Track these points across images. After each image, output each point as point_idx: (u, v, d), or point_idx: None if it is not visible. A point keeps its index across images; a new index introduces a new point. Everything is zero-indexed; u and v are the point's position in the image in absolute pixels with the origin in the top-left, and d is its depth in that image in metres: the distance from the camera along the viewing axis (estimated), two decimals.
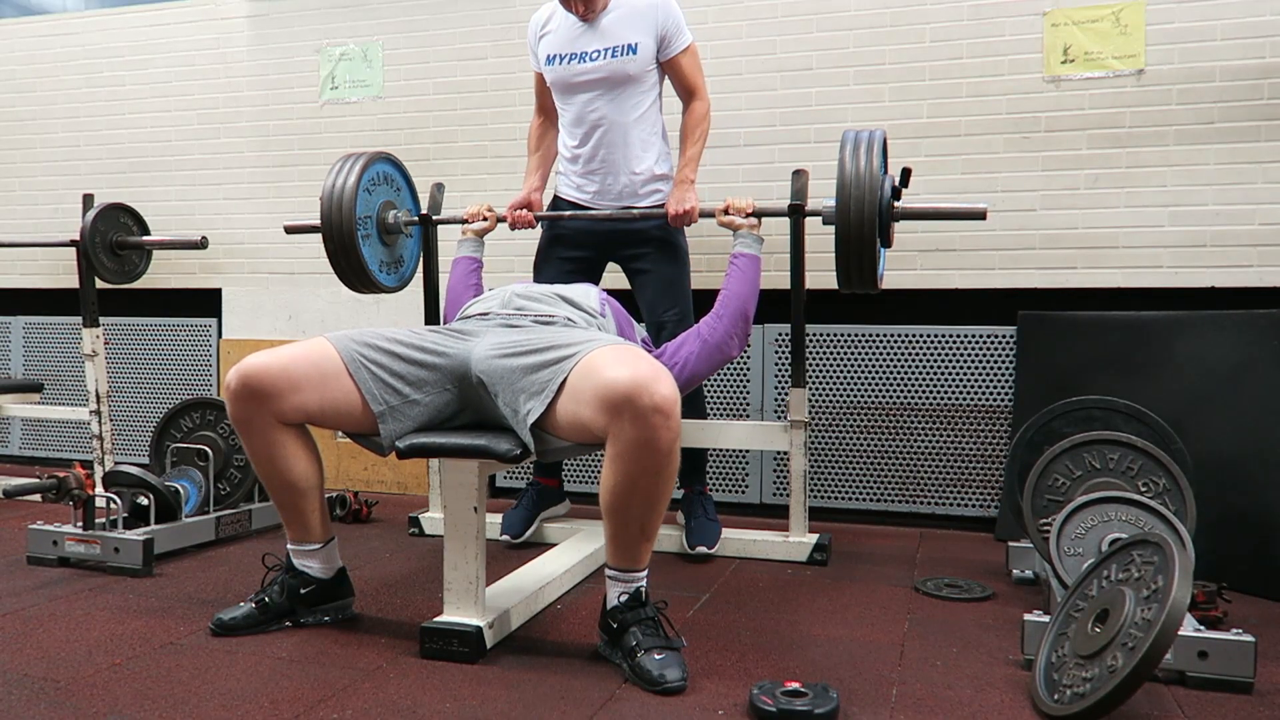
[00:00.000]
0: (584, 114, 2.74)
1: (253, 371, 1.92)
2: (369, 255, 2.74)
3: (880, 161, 2.27)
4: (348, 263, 2.71)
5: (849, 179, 2.23)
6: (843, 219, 2.25)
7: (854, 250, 2.27)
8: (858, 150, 2.26)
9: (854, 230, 2.24)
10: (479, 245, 2.78)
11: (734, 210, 2.50)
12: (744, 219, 2.47)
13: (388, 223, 2.79)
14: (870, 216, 2.22)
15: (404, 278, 2.95)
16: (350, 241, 2.66)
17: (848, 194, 2.23)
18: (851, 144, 2.28)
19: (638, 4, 2.68)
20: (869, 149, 2.26)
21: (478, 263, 2.75)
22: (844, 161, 2.26)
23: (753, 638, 2.02)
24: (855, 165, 2.24)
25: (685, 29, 2.72)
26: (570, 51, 2.71)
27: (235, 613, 2.00)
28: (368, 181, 2.72)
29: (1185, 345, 2.80)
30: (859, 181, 2.22)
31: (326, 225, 2.66)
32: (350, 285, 2.81)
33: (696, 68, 2.76)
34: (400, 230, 2.82)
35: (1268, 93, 2.87)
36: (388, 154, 2.84)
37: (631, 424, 1.68)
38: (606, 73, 2.68)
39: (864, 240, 2.25)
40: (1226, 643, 1.74)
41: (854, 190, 2.22)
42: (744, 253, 2.42)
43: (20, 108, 4.23)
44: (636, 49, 2.66)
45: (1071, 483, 2.19)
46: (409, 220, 2.84)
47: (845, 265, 2.32)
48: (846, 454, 3.27)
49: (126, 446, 3.98)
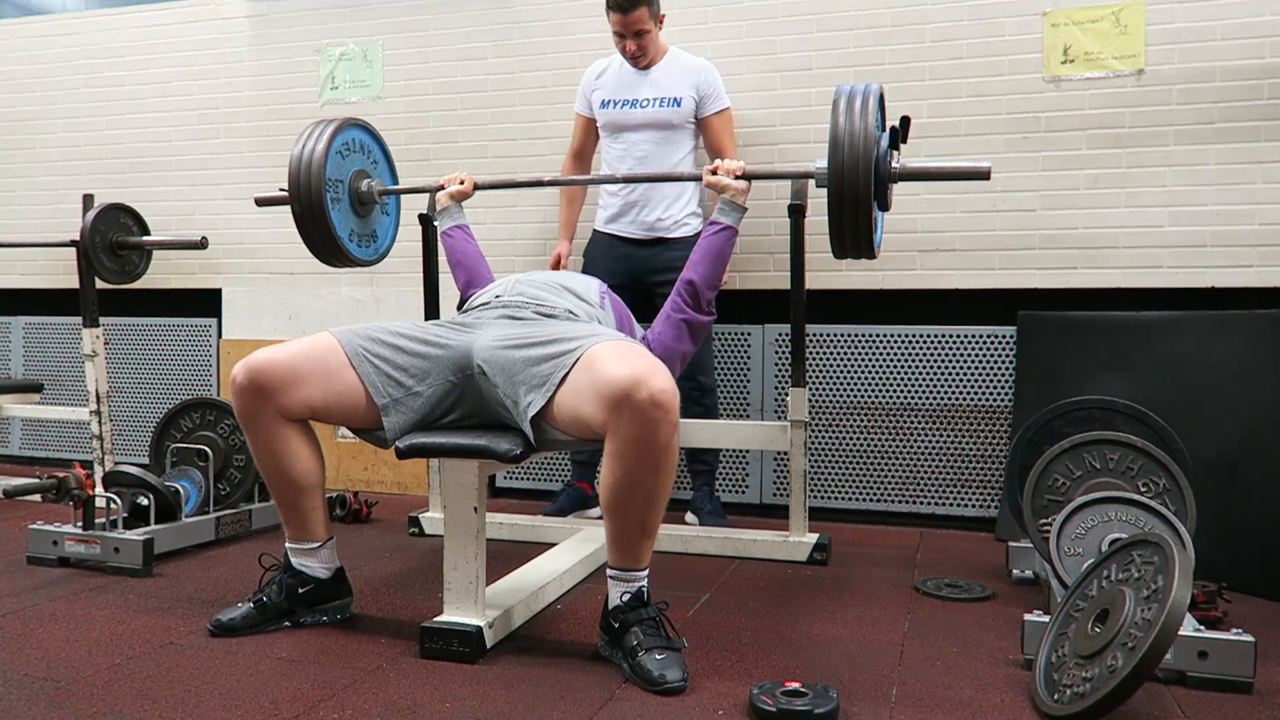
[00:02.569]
0: (629, 152, 3.07)
1: (258, 366, 1.93)
2: (338, 221, 2.59)
3: (876, 118, 2.10)
4: (315, 227, 2.55)
5: (841, 136, 2.06)
6: (835, 179, 2.07)
7: (848, 212, 2.09)
8: (851, 105, 2.08)
9: (848, 190, 2.06)
10: (459, 211, 2.67)
11: (723, 171, 2.34)
12: (732, 180, 2.31)
13: (360, 191, 2.66)
14: (865, 176, 2.05)
15: (378, 252, 2.82)
16: (319, 204, 2.51)
17: (841, 152, 2.06)
18: (845, 99, 2.10)
19: (686, 63, 3.06)
20: (863, 104, 2.08)
21: (466, 229, 2.65)
22: (836, 118, 2.08)
23: (753, 638, 2.02)
24: (849, 122, 2.06)
25: (724, 95, 3.06)
26: (624, 97, 3.06)
27: (234, 613, 2.00)
28: (340, 145, 2.59)
29: (1185, 345, 2.80)
30: (853, 139, 2.05)
31: (294, 187, 2.52)
32: (319, 254, 2.66)
33: (728, 131, 3.07)
34: (374, 200, 2.70)
35: (1268, 93, 2.87)
36: (362, 121, 2.73)
37: (630, 419, 1.69)
38: (654, 119, 3.03)
39: (859, 201, 2.07)
40: (1226, 643, 1.74)
41: (847, 149, 2.05)
42: (721, 221, 2.27)
43: (20, 108, 4.23)
44: (680, 102, 3.01)
45: (1071, 483, 2.19)
46: (383, 190, 2.73)
47: (839, 229, 2.13)
48: (846, 454, 3.27)
49: (126, 446, 3.98)
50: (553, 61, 3.52)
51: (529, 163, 3.54)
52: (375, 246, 2.82)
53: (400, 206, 2.94)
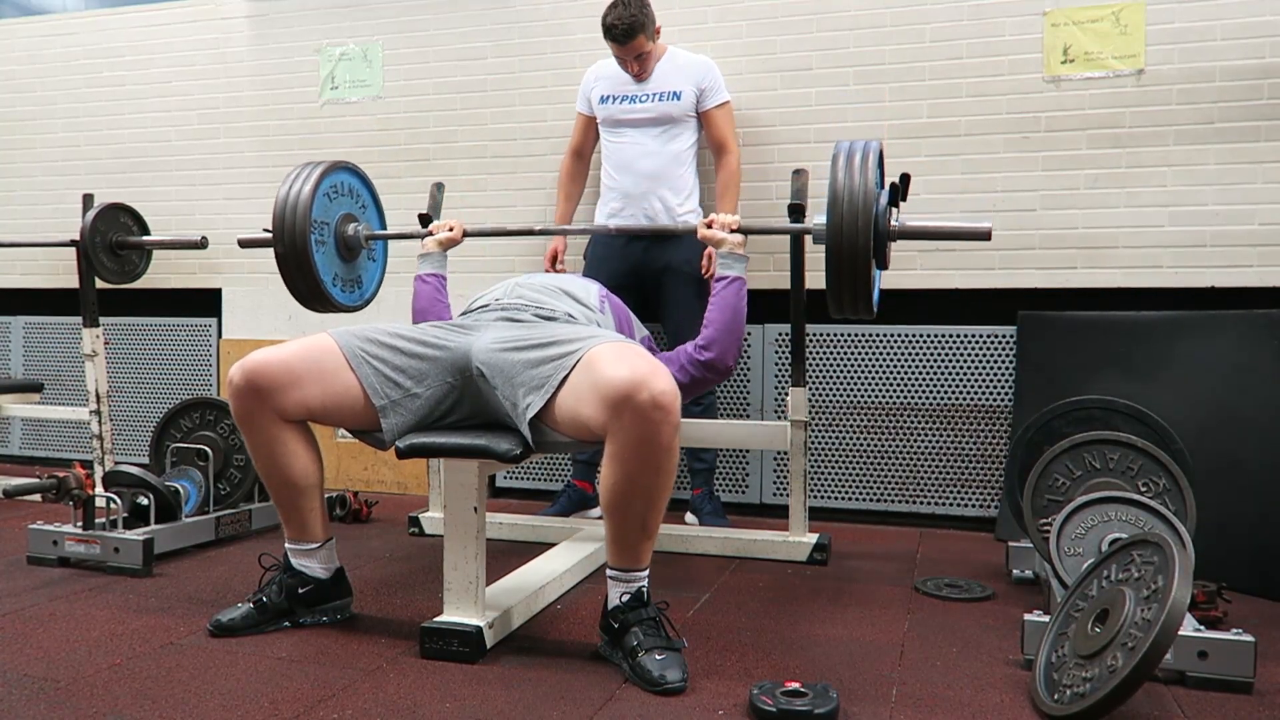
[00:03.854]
0: (628, 147, 3.08)
1: (256, 367, 1.93)
2: (322, 264, 2.50)
3: (875, 175, 2.07)
4: (297, 270, 2.47)
5: (840, 193, 2.03)
6: (834, 239, 2.03)
7: (846, 273, 2.05)
8: (850, 162, 2.06)
9: (846, 251, 2.03)
10: (443, 260, 2.59)
11: (718, 225, 2.30)
12: (728, 235, 2.28)
13: (346, 235, 2.59)
14: (865, 233, 2.01)
15: (363, 298, 2.73)
16: (302, 245, 2.43)
17: (839, 211, 2.02)
18: (844, 155, 2.07)
19: (685, 59, 3.09)
20: (863, 161, 2.05)
21: (442, 279, 2.57)
22: (835, 175, 2.05)
23: (753, 638, 2.02)
24: (848, 179, 2.04)
25: (724, 89, 3.09)
26: (623, 93, 3.09)
27: (234, 613, 2.00)
28: (328, 187, 2.53)
29: (1185, 345, 2.80)
30: (852, 196, 2.01)
31: (278, 228, 2.44)
32: (300, 298, 2.57)
33: (729, 124, 3.09)
34: (360, 245, 2.62)
35: (1268, 93, 2.87)
36: (352, 164, 2.65)
37: (631, 421, 1.69)
38: (654, 113, 3.05)
39: (857, 262, 2.04)
40: (1226, 643, 1.74)
41: (846, 207, 2.02)
42: (727, 275, 2.25)
43: (20, 108, 4.23)
44: (680, 96, 3.04)
45: (1071, 483, 2.19)
46: (370, 235, 2.65)
47: (837, 289, 2.10)
48: (846, 454, 3.27)
49: (126, 446, 3.98)
50: (553, 61, 3.52)
51: (529, 162, 3.54)
52: (360, 292, 2.73)
53: (388, 253, 2.85)
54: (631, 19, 2.89)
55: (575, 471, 3.25)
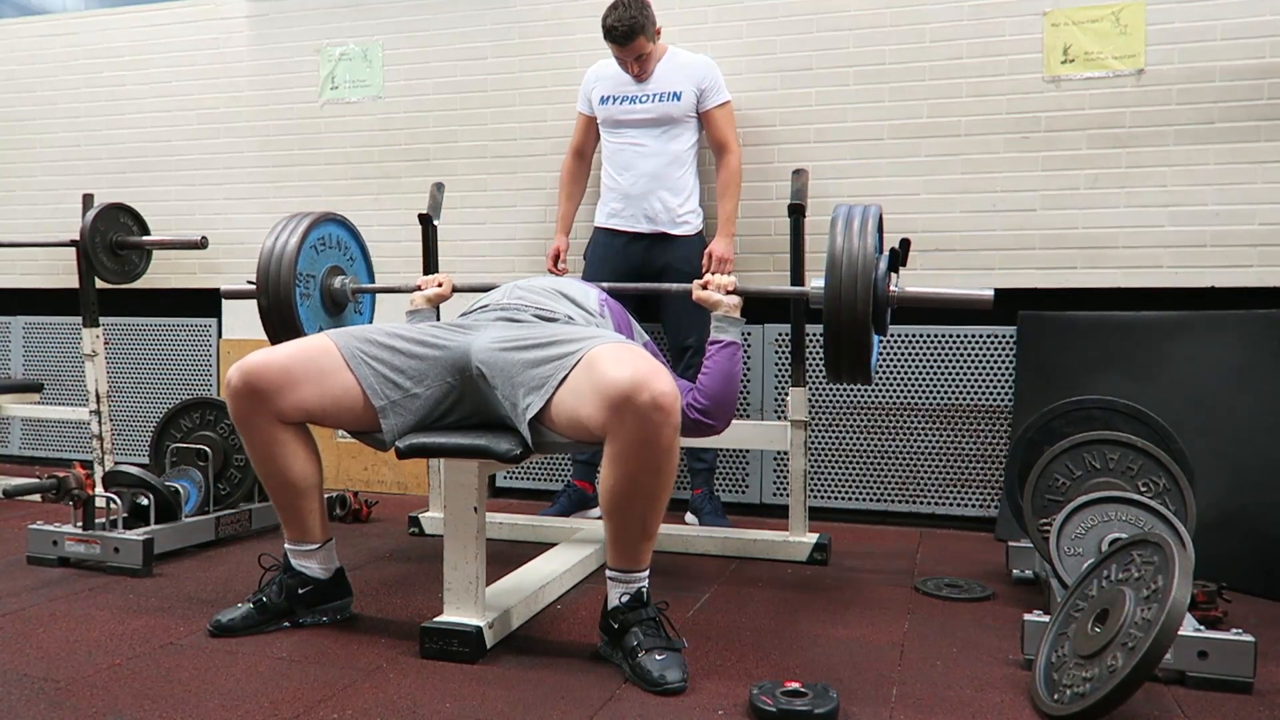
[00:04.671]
0: (629, 147, 3.09)
1: (254, 369, 1.92)
2: (306, 318, 2.45)
3: (874, 240, 2.03)
4: (281, 323, 2.40)
5: (839, 257, 1.99)
6: (832, 305, 2.00)
7: (845, 341, 2.02)
8: (850, 226, 2.02)
9: (845, 318, 1.99)
10: (431, 316, 2.47)
11: (714, 286, 2.22)
12: (723, 296, 2.20)
13: (333, 289, 2.54)
14: (864, 299, 1.97)
15: None
16: (286, 298, 2.37)
17: (839, 273, 1.99)
18: (844, 219, 2.04)
19: (686, 59, 3.09)
20: (862, 226, 2.02)
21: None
22: (835, 239, 2.01)
23: (753, 638, 2.02)
24: (847, 243, 2.00)
25: (724, 89, 3.09)
26: (624, 93, 3.09)
27: (234, 614, 2.00)
28: (315, 240, 2.49)
29: (1185, 345, 2.80)
30: (850, 260, 1.98)
31: (262, 280, 2.39)
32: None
33: (729, 124, 3.09)
34: (348, 299, 2.57)
35: (1268, 93, 2.87)
36: (340, 217, 2.61)
37: (632, 422, 1.68)
38: (654, 113, 3.05)
39: (856, 329, 2.00)
40: (1226, 643, 1.74)
41: (845, 270, 1.98)
42: (721, 339, 2.16)
43: (20, 108, 4.23)
44: (680, 96, 3.04)
45: (1071, 483, 2.19)
46: (358, 288, 2.60)
47: (835, 357, 2.06)
48: (846, 454, 3.27)
49: (126, 446, 3.98)
50: (553, 61, 3.52)
51: (529, 162, 3.54)
52: None
53: (375, 306, 2.80)
54: (632, 20, 2.89)
55: (575, 471, 3.25)
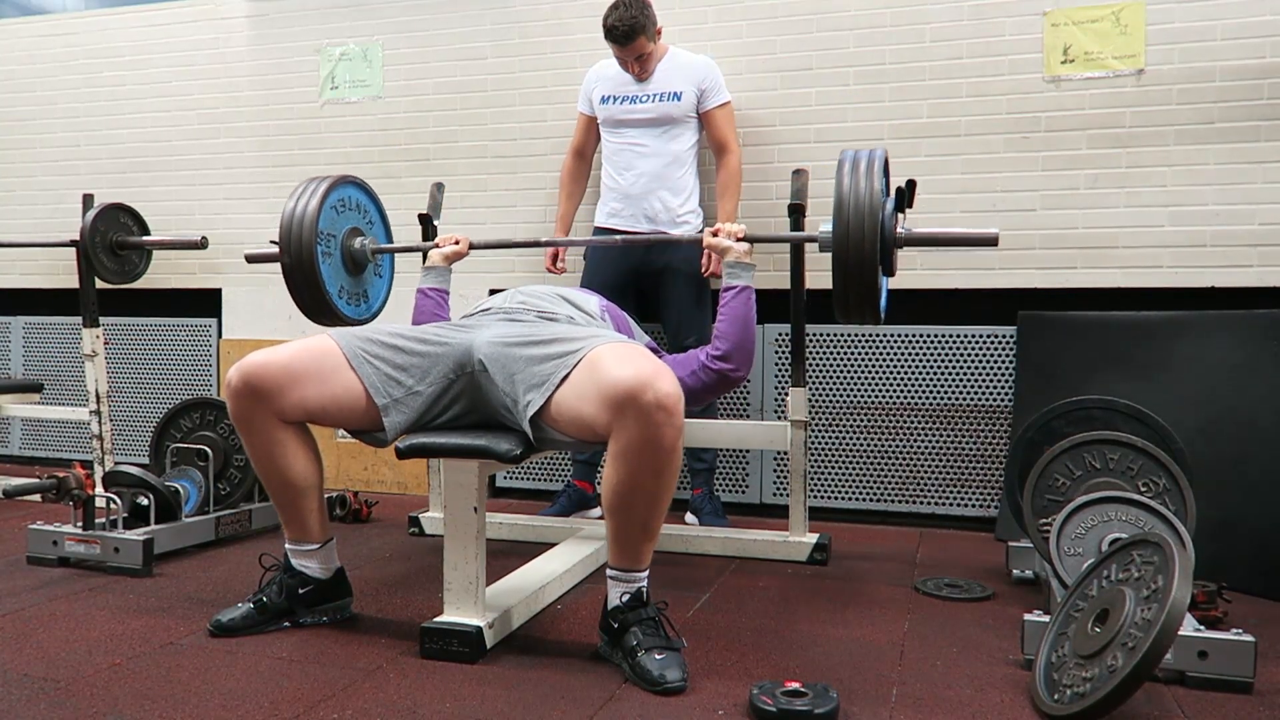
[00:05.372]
0: (629, 147, 3.09)
1: (254, 369, 1.92)
2: (328, 276, 2.49)
3: (881, 183, 2.06)
4: (304, 281, 2.46)
5: (846, 200, 2.02)
6: (840, 246, 2.03)
7: (854, 280, 2.05)
8: (856, 169, 2.05)
9: (853, 258, 2.02)
10: (446, 275, 2.57)
11: (724, 234, 2.29)
12: (733, 243, 2.27)
13: (353, 249, 2.58)
14: (871, 240, 2.01)
15: (370, 311, 2.70)
16: (308, 256, 2.42)
17: (846, 218, 2.02)
18: (850, 164, 2.07)
19: (686, 60, 3.09)
20: (869, 169, 2.05)
21: (444, 294, 2.55)
22: (841, 182, 2.04)
23: (753, 638, 2.02)
24: (854, 186, 2.03)
25: (724, 89, 3.09)
26: (624, 93, 3.10)
27: (234, 614, 2.00)
28: (335, 201, 2.52)
29: (1185, 345, 2.80)
30: (858, 203, 2.01)
31: (284, 239, 2.44)
32: (306, 310, 2.54)
33: (730, 124, 3.09)
34: (367, 260, 2.61)
35: (1268, 93, 2.87)
36: (358, 180, 2.63)
37: (635, 422, 1.68)
38: (655, 114, 3.06)
39: (864, 270, 2.03)
40: (1226, 643, 1.74)
41: (852, 213, 2.01)
42: (735, 284, 2.24)
43: (20, 108, 4.23)
44: (680, 96, 3.04)
45: (1071, 483, 2.19)
46: (377, 249, 2.63)
47: (844, 296, 2.10)
48: (846, 454, 3.27)
49: (126, 446, 3.98)
50: (553, 61, 3.52)
51: (529, 162, 3.54)
52: (366, 305, 2.70)
53: (394, 270, 2.83)
54: (633, 20, 2.89)
55: (575, 471, 3.26)
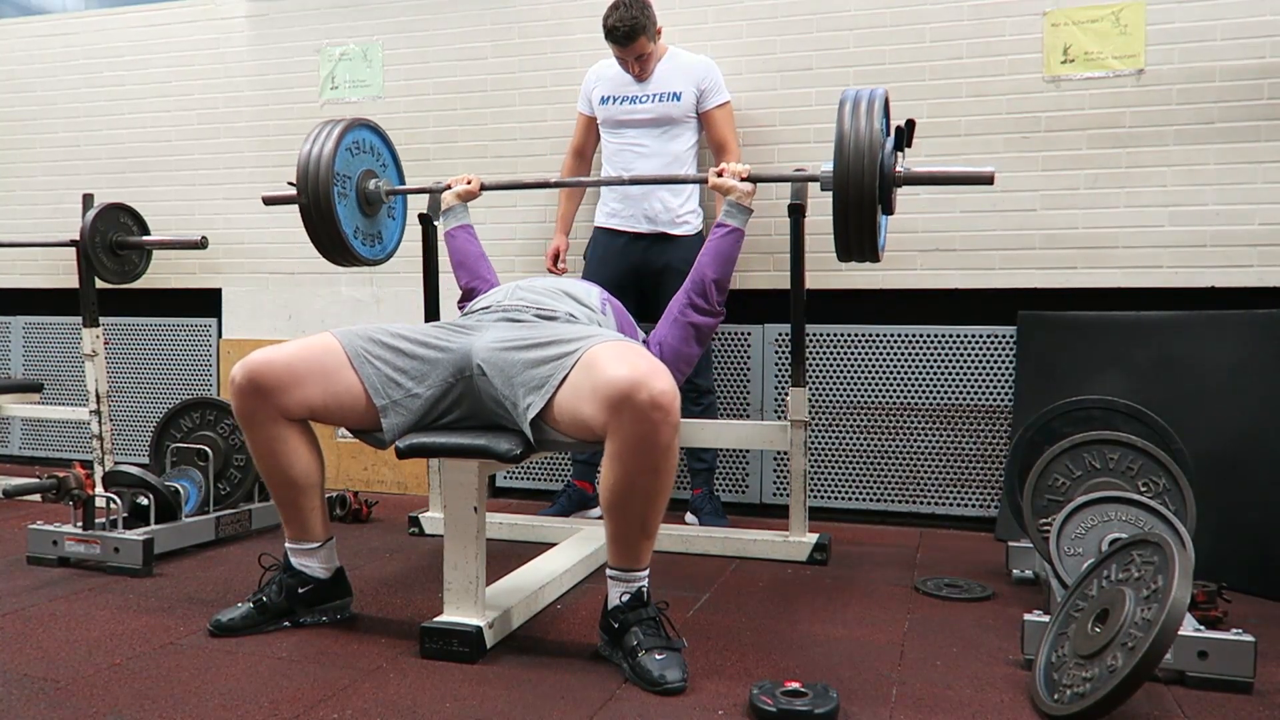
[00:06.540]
0: (629, 147, 3.10)
1: (258, 366, 1.93)
2: (344, 216, 2.60)
3: (881, 122, 2.12)
4: (321, 221, 2.56)
5: (847, 139, 2.08)
6: (841, 183, 2.09)
7: (853, 215, 2.10)
8: (857, 109, 2.10)
9: (853, 195, 2.08)
10: (465, 211, 2.68)
11: (729, 173, 2.34)
12: (738, 182, 2.32)
13: (368, 190, 2.68)
14: (870, 179, 2.06)
15: (385, 252, 2.83)
16: (326, 197, 2.52)
17: (846, 156, 2.07)
18: (851, 103, 2.12)
19: (686, 60, 3.10)
20: (869, 108, 2.09)
21: (469, 228, 2.66)
22: (842, 121, 2.09)
23: (753, 638, 2.02)
24: (854, 125, 2.08)
25: (724, 89, 3.10)
26: (624, 94, 3.10)
27: (234, 613, 2.00)
28: (350, 143, 2.61)
29: (1185, 345, 2.80)
30: (858, 142, 2.06)
31: (302, 181, 2.53)
32: (323, 250, 2.65)
33: (729, 124, 3.10)
34: (381, 200, 2.71)
35: (1268, 93, 2.87)
36: (372, 122, 2.74)
37: (631, 420, 1.69)
38: (654, 114, 3.06)
39: (864, 206, 2.09)
40: (1226, 643, 1.74)
41: (853, 152, 2.07)
42: (727, 224, 2.28)
43: (20, 108, 4.23)
44: (680, 96, 3.05)
45: (1071, 483, 2.19)
46: (390, 190, 2.74)
47: (844, 233, 2.15)
48: (846, 454, 3.27)
49: (126, 446, 3.98)
50: (553, 61, 3.52)
51: (529, 163, 3.54)
52: (381, 246, 2.82)
53: (407, 211, 2.94)
54: (633, 20, 2.89)
55: (575, 471, 3.26)
